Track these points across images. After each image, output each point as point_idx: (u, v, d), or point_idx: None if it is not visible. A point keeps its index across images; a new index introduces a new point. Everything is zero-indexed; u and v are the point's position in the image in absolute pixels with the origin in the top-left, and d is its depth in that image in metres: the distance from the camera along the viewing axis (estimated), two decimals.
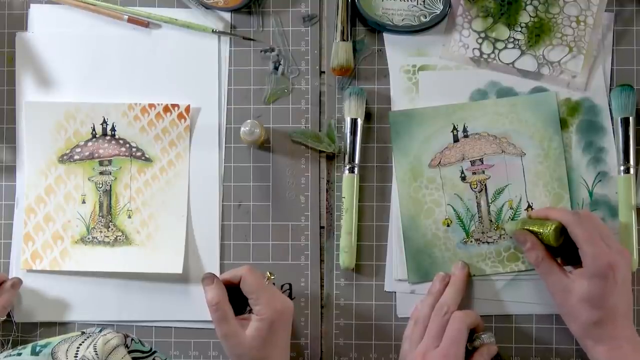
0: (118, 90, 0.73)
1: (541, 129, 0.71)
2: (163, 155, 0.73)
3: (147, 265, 0.71)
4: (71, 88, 0.74)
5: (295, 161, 0.73)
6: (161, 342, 0.72)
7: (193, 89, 0.73)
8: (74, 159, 0.73)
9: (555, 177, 0.71)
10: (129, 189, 0.72)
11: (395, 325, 0.72)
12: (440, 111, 0.72)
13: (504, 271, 0.71)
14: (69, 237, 0.72)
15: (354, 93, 0.71)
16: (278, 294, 0.66)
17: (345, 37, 0.72)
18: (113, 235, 0.72)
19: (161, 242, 0.72)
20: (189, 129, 0.73)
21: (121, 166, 0.73)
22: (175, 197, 0.72)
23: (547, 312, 0.71)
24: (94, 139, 0.73)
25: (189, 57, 0.73)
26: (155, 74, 0.73)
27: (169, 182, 0.72)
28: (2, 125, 0.75)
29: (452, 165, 0.71)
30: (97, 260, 0.72)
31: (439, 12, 0.72)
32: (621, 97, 0.70)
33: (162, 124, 0.73)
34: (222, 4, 0.72)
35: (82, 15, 0.74)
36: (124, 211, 0.72)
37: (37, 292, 0.73)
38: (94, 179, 0.73)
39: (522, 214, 0.71)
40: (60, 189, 0.73)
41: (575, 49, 0.72)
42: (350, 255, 0.70)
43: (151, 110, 0.73)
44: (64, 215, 0.72)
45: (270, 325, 0.63)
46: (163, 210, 0.72)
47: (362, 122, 0.71)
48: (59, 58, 0.74)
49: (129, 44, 0.73)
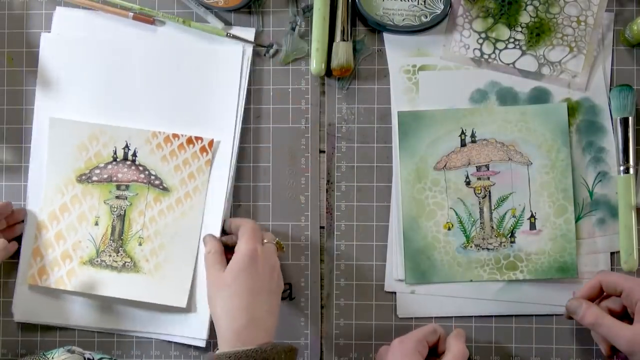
0: (138, 106, 0.73)
1: (549, 139, 0.71)
2: (181, 186, 0.72)
3: (151, 295, 0.71)
4: (89, 97, 0.73)
5: (295, 161, 0.73)
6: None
7: (213, 121, 0.72)
8: (92, 180, 0.72)
9: (560, 188, 0.71)
10: (143, 216, 0.72)
11: (395, 325, 0.72)
12: (449, 114, 0.72)
13: (502, 279, 0.71)
14: (77, 257, 0.72)
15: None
16: (266, 246, 0.66)
17: (345, 37, 0.71)
18: (122, 260, 0.71)
19: (168, 274, 0.71)
20: (209, 163, 0.72)
21: (138, 192, 0.72)
22: (188, 230, 0.71)
23: (547, 312, 0.71)
24: (114, 162, 0.72)
25: (211, 80, 0.72)
26: (179, 98, 0.73)
27: (184, 214, 0.72)
28: (2, 126, 0.75)
29: (457, 169, 0.71)
30: (102, 284, 0.71)
31: (439, 12, 0.72)
32: (620, 97, 0.70)
33: (184, 155, 0.72)
34: (222, 4, 0.72)
35: (106, 21, 0.74)
36: (136, 238, 0.72)
37: (41, 294, 0.73)
38: (110, 202, 0.72)
39: (524, 222, 0.71)
40: (75, 208, 0.72)
41: (575, 49, 0.72)
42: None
43: (174, 141, 0.72)
44: (75, 235, 0.72)
45: (247, 261, 0.62)
46: (174, 242, 0.71)
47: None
48: (82, 62, 0.73)
49: (153, 57, 0.73)
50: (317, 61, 0.71)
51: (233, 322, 0.61)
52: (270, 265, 0.64)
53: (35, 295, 0.73)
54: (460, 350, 0.63)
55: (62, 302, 0.73)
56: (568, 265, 0.70)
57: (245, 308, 0.61)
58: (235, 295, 0.62)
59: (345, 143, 0.73)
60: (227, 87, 0.72)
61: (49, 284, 0.71)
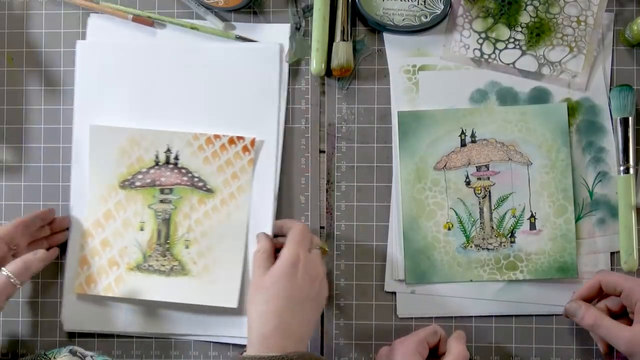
0: (176, 109, 0.73)
1: (549, 140, 0.71)
2: (225, 187, 0.71)
3: (201, 298, 0.70)
4: (128, 101, 0.73)
5: (295, 161, 0.73)
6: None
7: (254, 120, 0.72)
8: (135, 186, 0.72)
9: (560, 188, 0.71)
10: (189, 218, 0.71)
11: (395, 326, 0.72)
12: (449, 114, 0.72)
13: (502, 279, 0.71)
14: (125, 263, 0.71)
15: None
16: (312, 253, 0.65)
17: (345, 37, 0.71)
18: (169, 264, 0.71)
19: (217, 275, 0.71)
20: (252, 162, 0.72)
21: (182, 196, 0.72)
22: (234, 230, 0.71)
23: (547, 312, 0.71)
24: (157, 167, 0.72)
25: (250, 79, 0.72)
26: (218, 99, 0.72)
27: (229, 214, 0.71)
28: (2, 126, 0.75)
29: (457, 169, 0.71)
30: (151, 289, 0.71)
31: (439, 12, 0.72)
32: (620, 97, 0.70)
33: (226, 156, 0.71)
34: (222, 4, 0.72)
35: (139, 32, 0.74)
36: (182, 241, 0.71)
37: (89, 302, 0.72)
38: (154, 207, 0.72)
39: (524, 222, 0.71)
40: (119, 215, 0.72)
41: (575, 49, 0.72)
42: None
43: (216, 141, 0.72)
44: (121, 241, 0.71)
45: (288, 268, 0.62)
46: (221, 243, 0.71)
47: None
48: (118, 67, 0.73)
49: (189, 58, 0.73)
50: (317, 61, 0.71)
51: (262, 327, 0.60)
52: (312, 274, 0.63)
53: (83, 304, 0.72)
54: (461, 352, 0.63)
55: (109, 309, 0.72)
56: (568, 265, 0.70)
57: (277, 315, 0.61)
58: (270, 301, 0.61)
59: (345, 143, 0.73)
60: (266, 84, 0.72)
61: (97, 291, 0.71)
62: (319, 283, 0.64)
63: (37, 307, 0.74)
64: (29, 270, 0.64)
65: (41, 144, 0.74)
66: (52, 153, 0.74)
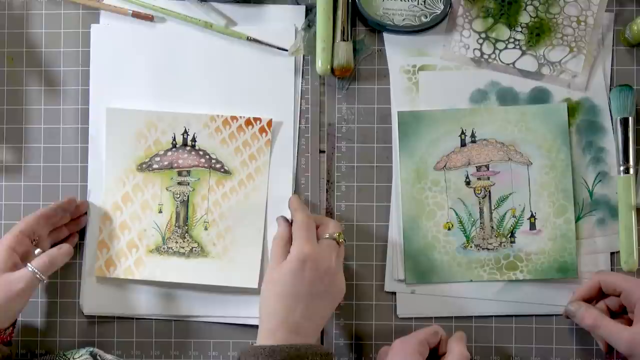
0: (192, 91, 0.73)
1: (549, 140, 0.71)
2: (243, 168, 0.72)
3: (221, 279, 0.71)
4: (144, 84, 0.73)
5: (295, 161, 0.73)
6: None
7: (271, 101, 0.72)
8: (152, 168, 0.72)
9: (560, 188, 0.71)
10: (207, 200, 0.71)
11: (396, 326, 0.72)
12: (449, 114, 0.72)
13: (502, 279, 0.71)
14: (144, 246, 0.72)
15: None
16: (323, 245, 0.65)
17: (345, 37, 0.71)
18: (189, 246, 0.71)
19: (237, 256, 0.71)
20: (269, 143, 0.72)
21: (200, 177, 0.72)
22: (253, 210, 0.71)
23: (547, 312, 0.71)
24: (174, 149, 0.72)
25: (265, 60, 0.73)
26: (233, 80, 0.73)
27: (247, 195, 0.72)
28: (2, 125, 0.75)
29: (457, 169, 0.71)
30: (171, 271, 0.71)
31: (439, 12, 0.72)
32: (620, 97, 0.70)
33: (244, 137, 0.72)
34: None
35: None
36: (201, 223, 0.72)
37: (108, 285, 0.72)
38: (172, 189, 0.72)
39: (524, 222, 0.71)
40: (137, 198, 0.72)
41: (575, 49, 0.72)
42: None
43: (233, 123, 0.72)
44: (140, 224, 0.72)
45: (295, 265, 0.62)
46: (240, 224, 0.71)
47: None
48: (133, 50, 0.73)
49: (205, 41, 0.73)
50: (323, 61, 0.71)
51: (269, 322, 0.62)
52: (322, 268, 0.63)
53: (103, 287, 0.72)
54: (462, 353, 0.63)
55: (129, 292, 0.72)
56: (568, 265, 0.70)
57: (283, 311, 0.61)
58: (276, 296, 0.62)
59: (345, 143, 0.73)
60: (282, 64, 0.72)
61: (117, 274, 0.71)
62: (330, 277, 0.63)
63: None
64: (54, 265, 0.66)
65: (41, 144, 0.74)
66: (52, 153, 0.74)
